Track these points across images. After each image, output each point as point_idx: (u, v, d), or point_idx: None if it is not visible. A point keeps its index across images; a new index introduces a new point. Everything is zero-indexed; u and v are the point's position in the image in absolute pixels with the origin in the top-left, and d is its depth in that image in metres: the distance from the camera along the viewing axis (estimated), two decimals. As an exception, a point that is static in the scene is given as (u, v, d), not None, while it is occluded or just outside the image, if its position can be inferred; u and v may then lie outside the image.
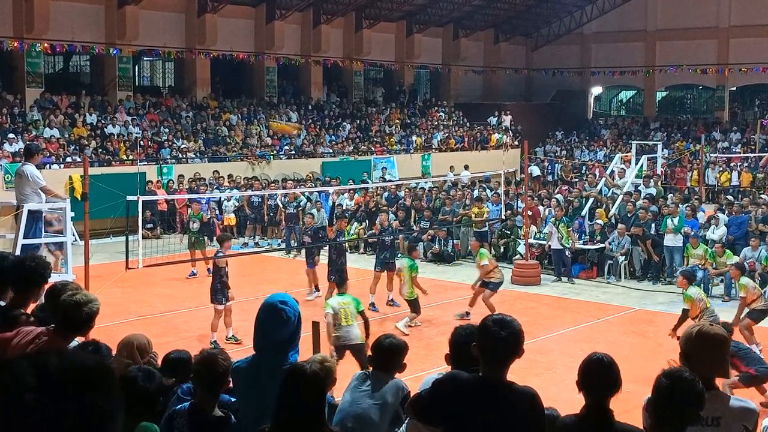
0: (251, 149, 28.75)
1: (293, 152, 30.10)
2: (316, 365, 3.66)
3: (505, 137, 36.88)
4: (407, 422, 4.41)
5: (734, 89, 41.79)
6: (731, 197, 25.03)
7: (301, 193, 22.27)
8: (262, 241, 22.89)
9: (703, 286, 15.39)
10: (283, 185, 24.20)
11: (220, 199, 23.46)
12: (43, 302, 5.02)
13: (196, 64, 31.14)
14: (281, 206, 22.40)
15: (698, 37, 39.78)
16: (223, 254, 13.13)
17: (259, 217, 23.06)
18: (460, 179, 28.35)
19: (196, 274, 17.99)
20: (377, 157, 31.59)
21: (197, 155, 27.50)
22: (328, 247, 16.06)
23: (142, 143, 26.16)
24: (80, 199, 13.12)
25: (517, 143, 35.87)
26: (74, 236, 13.05)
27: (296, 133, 23.81)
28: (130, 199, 14.38)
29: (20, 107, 26.03)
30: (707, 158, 31.23)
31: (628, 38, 41.61)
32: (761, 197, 22.20)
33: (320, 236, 17.33)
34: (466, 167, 30.35)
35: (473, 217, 20.78)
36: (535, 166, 33.62)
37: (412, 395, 4.24)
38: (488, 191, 23.98)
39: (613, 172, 24.50)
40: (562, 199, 21.47)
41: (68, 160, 24.04)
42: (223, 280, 12.78)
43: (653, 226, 18.56)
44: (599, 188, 22.85)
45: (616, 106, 47.68)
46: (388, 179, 28.26)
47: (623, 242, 18.34)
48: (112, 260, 16.99)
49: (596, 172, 29.39)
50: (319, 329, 7.85)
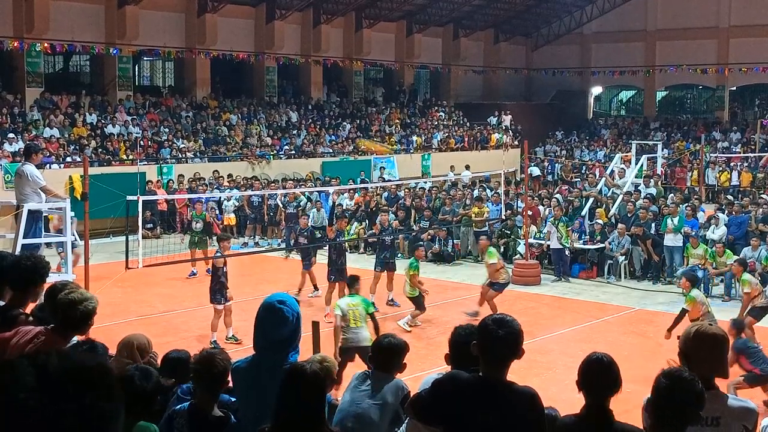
0: (251, 149, 28.75)
1: (293, 152, 30.10)
2: (316, 365, 3.66)
3: (505, 137, 36.88)
4: (407, 422, 4.40)
5: (734, 89, 41.79)
6: (731, 197, 25.04)
7: (301, 193, 22.28)
8: (262, 241, 22.89)
9: (703, 286, 15.40)
10: (283, 185, 24.21)
11: (220, 199, 23.46)
12: (42, 302, 5.01)
13: (196, 64, 31.14)
14: (281, 206, 22.41)
15: (698, 37, 39.78)
16: (221, 254, 13.13)
17: (259, 217, 23.07)
18: (460, 179, 28.35)
19: (196, 274, 17.99)
20: (377, 157, 31.60)
21: (197, 155, 27.50)
22: (328, 247, 16.03)
23: (142, 143, 26.15)
24: (80, 199, 13.12)
25: (517, 143, 35.87)
26: (74, 237, 13.06)
27: (388, 154, 23.06)
28: (130, 199, 14.39)
29: (20, 107, 26.03)
30: (707, 158, 31.23)
31: (628, 38, 41.61)
32: (761, 197, 22.19)
33: (320, 236, 17.32)
34: (467, 167, 30.35)
35: (473, 217, 20.79)
36: (534, 166, 33.61)
37: (412, 395, 4.24)
38: (488, 191, 23.99)
39: (613, 172, 24.50)
40: (561, 198, 21.48)
41: (68, 160, 24.04)
42: (221, 280, 12.77)
43: (653, 225, 18.56)
44: (599, 188, 22.86)
45: (616, 106, 47.68)
46: (387, 179, 28.28)
47: (623, 242, 18.34)
48: (112, 260, 16.99)
49: (596, 172, 29.40)
50: (319, 329, 7.83)
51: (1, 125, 24.58)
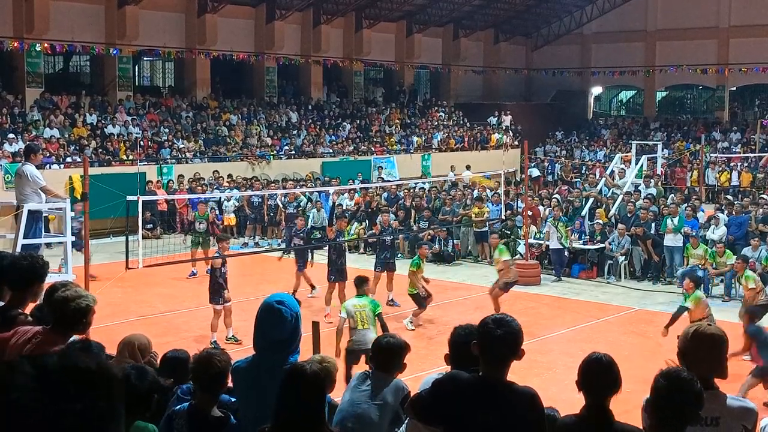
0: (251, 149, 28.76)
1: (293, 152, 30.10)
2: (316, 365, 3.65)
3: (505, 137, 36.88)
4: (407, 422, 4.40)
5: (734, 89, 41.78)
6: (731, 197, 25.05)
7: (301, 193, 22.27)
8: (262, 241, 22.89)
9: (702, 286, 15.39)
10: (283, 185, 24.21)
11: (220, 199, 23.46)
12: (41, 302, 5.01)
13: (196, 64, 31.14)
14: (281, 206, 22.41)
15: (698, 37, 39.78)
16: (220, 254, 13.13)
17: (259, 217, 23.07)
18: (461, 179, 28.34)
19: (196, 274, 17.98)
20: (377, 157, 31.60)
21: (197, 155, 27.50)
22: (328, 247, 16.02)
23: (142, 143, 26.16)
24: (80, 199, 13.12)
25: (517, 143, 35.87)
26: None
27: (494, 187, 22.34)
28: (130, 199, 14.39)
29: (20, 107, 26.04)
30: (707, 158, 31.23)
31: (628, 38, 41.61)
32: (761, 197, 22.19)
33: (320, 237, 17.30)
34: (468, 167, 30.34)
35: (473, 217, 20.80)
36: (534, 167, 33.58)
37: (412, 395, 4.24)
38: (488, 191, 23.99)
39: (613, 172, 24.51)
40: (561, 198, 21.49)
41: (68, 160, 24.05)
42: (218, 281, 12.77)
43: (653, 226, 18.56)
44: (599, 188, 22.86)
45: (616, 106, 47.68)
46: (385, 179, 28.27)
47: (623, 242, 18.34)
48: (112, 260, 16.99)
49: (596, 172, 29.40)
50: (319, 329, 7.83)
51: (1, 125, 24.58)
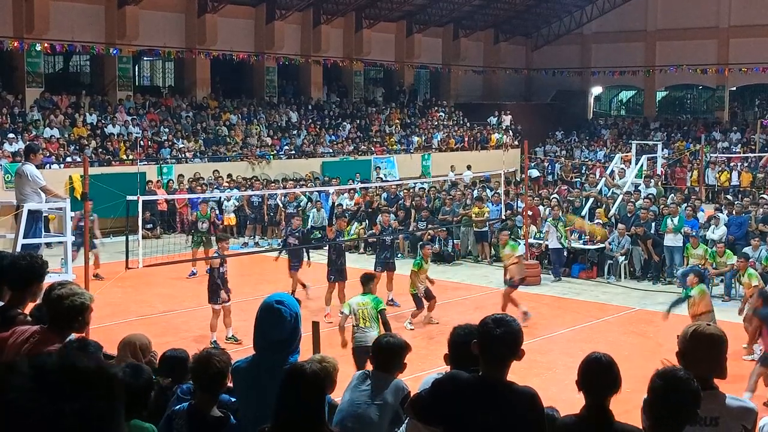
0: (251, 149, 28.75)
1: (293, 152, 30.10)
2: (316, 365, 3.65)
3: (505, 137, 36.87)
4: (407, 422, 4.40)
5: (734, 89, 41.77)
6: (731, 197, 25.04)
7: (301, 192, 22.27)
8: (262, 241, 22.88)
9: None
10: (283, 185, 24.21)
11: (220, 198, 23.46)
12: (40, 302, 5.01)
13: (196, 64, 31.14)
14: (281, 206, 22.41)
15: (698, 37, 39.77)
16: (219, 254, 13.12)
17: (259, 217, 23.07)
18: (461, 179, 28.34)
19: (196, 273, 17.97)
20: (377, 157, 31.60)
21: (197, 155, 27.50)
22: (327, 247, 16.01)
23: (142, 143, 26.16)
24: (80, 199, 13.13)
25: (517, 143, 35.86)
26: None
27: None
28: (130, 199, 14.39)
29: (20, 107, 26.03)
30: (707, 158, 31.22)
31: (628, 38, 41.60)
32: (761, 197, 22.19)
33: (320, 236, 17.29)
34: (468, 167, 30.34)
35: (473, 217, 20.79)
36: (534, 168, 33.56)
37: (412, 395, 4.24)
38: (488, 191, 23.99)
39: (613, 172, 24.51)
40: (560, 198, 21.49)
41: (68, 160, 24.05)
42: (216, 281, 12.77)
43: (653, 226, 18.56)
44: (599, 188, 22.85)
45: (616, 106, 47.67)
46: (384, 178, 28.26)
47: (623, 242, 18.34)
48: (112, 260, 16.99)
49: (596, 172, 29.39)
50: (319, 329, 7.82)
51: (1, 125, 24.58)
